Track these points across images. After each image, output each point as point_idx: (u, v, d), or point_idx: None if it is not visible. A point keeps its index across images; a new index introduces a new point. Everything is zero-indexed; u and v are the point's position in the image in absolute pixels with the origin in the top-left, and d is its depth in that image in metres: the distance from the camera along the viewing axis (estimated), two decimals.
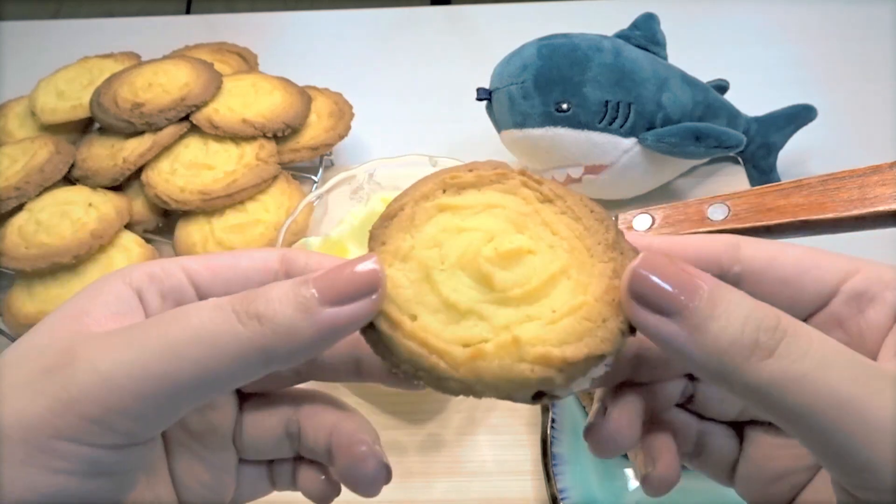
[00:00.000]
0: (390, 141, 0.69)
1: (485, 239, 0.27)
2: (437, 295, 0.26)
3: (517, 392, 0.25)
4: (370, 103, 0.69)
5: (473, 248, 0.26)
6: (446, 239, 0.27)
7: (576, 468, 0.44)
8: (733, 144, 0.57)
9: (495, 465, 0.48)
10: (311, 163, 0.65)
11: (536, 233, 0.27)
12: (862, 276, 0.25)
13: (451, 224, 0.27)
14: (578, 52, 0.56)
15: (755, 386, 0.22)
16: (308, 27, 0.85)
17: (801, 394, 0.21)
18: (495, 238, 0.27)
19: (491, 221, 0.27)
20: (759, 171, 0.62)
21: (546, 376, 0.24)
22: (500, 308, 0.26)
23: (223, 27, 0.81)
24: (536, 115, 0.55)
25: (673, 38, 0.63)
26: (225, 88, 0.63)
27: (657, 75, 0.57)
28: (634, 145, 0.56)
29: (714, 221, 0.39)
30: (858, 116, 0.68)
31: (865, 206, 0.35)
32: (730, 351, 0.22)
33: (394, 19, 0.84)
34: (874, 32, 0.77)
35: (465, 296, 0.26)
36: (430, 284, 0.26)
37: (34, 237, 0.54)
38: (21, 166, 0.58)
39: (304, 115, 0.63)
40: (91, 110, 0.62)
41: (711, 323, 0.22)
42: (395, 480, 0.47)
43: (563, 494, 0.43)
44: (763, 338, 0.22)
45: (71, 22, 0.90)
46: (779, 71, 0.74)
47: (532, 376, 0.24)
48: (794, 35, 0.78)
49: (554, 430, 0.45)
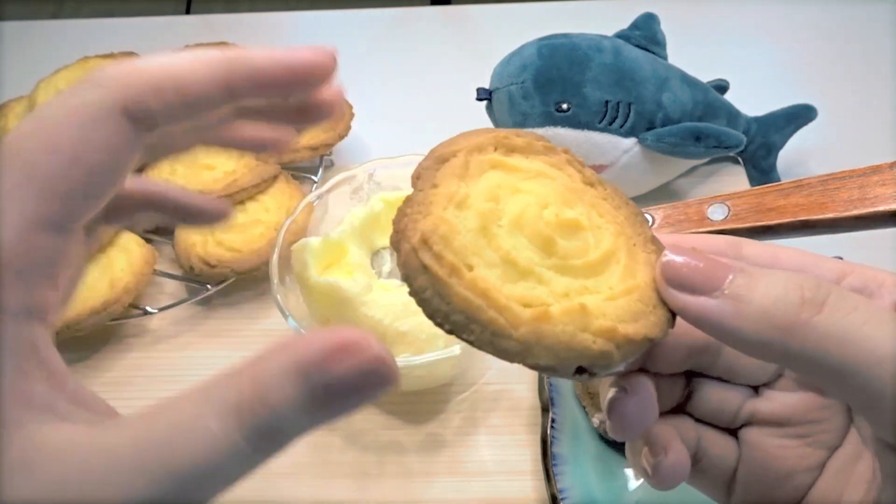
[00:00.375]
0: (390, 141, 0.69)
1: (541, 204, 0.26)
2: (497, 249, 0.24)
3: (569, 362, 0.23)
4: (370, 103, 0.69)
5: (533, 210, 0.25)
6: (503, 196, 0.26)
7: (576, 468, 0.44)
8: (733, 144, 0.57)
9: (495, 465, 0.48)
10: (311, 163, 0.65)
11: (585, 211, 0.27)
12: (857, 276, 0.25)
13: (505, 182, 0.26)
14: (578, 52, 0.56)
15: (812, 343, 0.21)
16: (308, 27, 0.85)
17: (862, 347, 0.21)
18: (551, 206, 0.26)
19: (543, 189, 0.26)
20: (759, 171, 0.62)
21: (606, 350, 0.23)
22: (560, 275, 0.25)
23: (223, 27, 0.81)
24: (536, 115, 0.55)
25: (673, 38, 0.63)
26: None
27: (657, 75, 0.57)
28: (634, 145, 0.56)
29: (714, 221, 0.39)
30: (858, 116, 0.68)
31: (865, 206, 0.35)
32: (777, 312, 0.21)
33: (394, 19, 0.84)
34: (874, 32, 0.77)
35: (524, 256, 0.25)
36: (487, 238, 0.25)
37: None
38: None
39: None
40: None
41: (753, 291, 0.22)
42: (395, 480, 0.47)
43: (563, 494, 0.43)
44: (808, 294, 0.21)
45: (71, 22, 0.90)
46: (779, 71, 0.74)
47: (594, 348, 0.23)
48: (794, 35, 0.78)
49: (554, 430, 0.45)
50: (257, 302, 0.57)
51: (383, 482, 0.47)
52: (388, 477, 0.48)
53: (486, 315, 0.23)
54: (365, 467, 0.48)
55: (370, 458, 0.48)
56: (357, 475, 0.48)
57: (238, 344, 0.54)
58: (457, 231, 0.24)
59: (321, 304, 0.47)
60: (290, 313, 0.46)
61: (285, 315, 0.46)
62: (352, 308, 0.45)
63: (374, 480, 0.48)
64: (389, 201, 0.51)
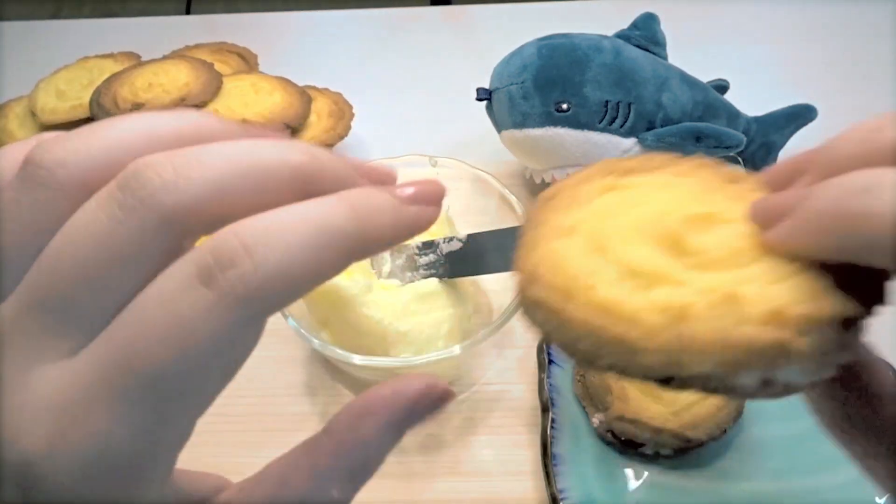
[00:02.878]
0: (390, 141, 0.69)
1: (666, 209, 0.23)
2: (616, 263, 0.22)
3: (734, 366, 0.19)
4: (370, 103, 0.69)
5: (654, 214, 0.23)
6: (620, 212, 0.23)
7: (575, 468, 0.44)
8: (733, 144, 0.57)
9: (495, 465, 0.48)
10: None
11: (725, 205, 0.23)
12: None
13: (622, 200, 0.24)
14: (578, 52, 0.56)
15: None
16: (308, 27, 0.85)
17: None
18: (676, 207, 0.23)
19: (668, 196, 0.24)
20: (759, 171, 0.62)
21: (779, 339, 0.19)
22: (703, 272, 0.21)
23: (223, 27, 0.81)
24: (536, 115, 0.55)
25: (673, 38, 0.63)
26: (225, 88, 0.63)
27: (657, 75, 0.57)
28: (634, 145, 0.56)
29: None
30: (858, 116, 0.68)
31: None
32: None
33: (394, 19, 0.84)
34: (874, 32, 0.77)
35: (650, 261, 0.21)
36: (604, 254, 0.22)
37: None
38: None
39: (304, 116, 0.63)
40: (91, 110, 0.62)
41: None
42: (395, 480, 0.47)
43: (563, 494, 0.43)
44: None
45: (71, 22, 0.90)
46: (779, 71, 0.74)
47: (761, 338, 0.19)
48: (794, 35, 0.78)
49: (554, 430, 0.45)
50: None
51: (383, 482, 0.47)
52: (388, 477, 0.47)
53: (613, 331, 0.20)
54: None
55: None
56: None
57: None
58: (566, 257, 0.22)
59: (321, 304, 0.47)
60: (290, 313, 0.46)
61: (285, 315, 0.46)
62: (352, 308, 0.45)
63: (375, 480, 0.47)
64: None
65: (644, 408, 0.44)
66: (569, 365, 0.49)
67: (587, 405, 0.47)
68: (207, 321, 0.18)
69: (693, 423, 0.43)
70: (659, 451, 0.45)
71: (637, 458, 0.45)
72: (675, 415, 0.44)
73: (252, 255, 0.18)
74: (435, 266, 0.49)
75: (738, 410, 0.45)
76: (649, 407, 0.44)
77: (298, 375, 0.52)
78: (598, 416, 0.46)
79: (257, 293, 0.18)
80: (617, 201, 0.24)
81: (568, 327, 0.21)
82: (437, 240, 0.49)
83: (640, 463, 0.45)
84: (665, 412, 0.44)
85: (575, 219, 0.23)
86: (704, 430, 0.44)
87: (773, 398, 0.20)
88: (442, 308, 0.47)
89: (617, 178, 0.25)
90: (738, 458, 0.46)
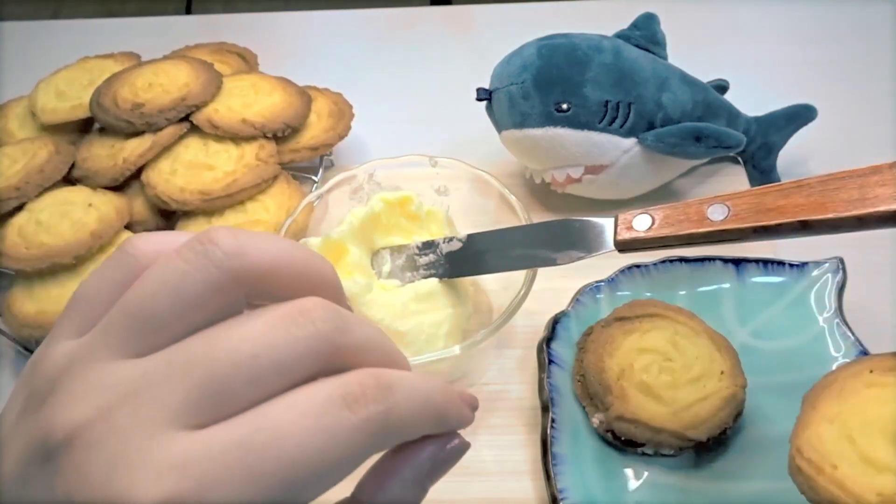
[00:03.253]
0: (390, 141, 0.69)
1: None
2: (857, 451, 0.32)
3: None
4: (370, 103, 0.69)
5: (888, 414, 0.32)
6: (873, 408, 0.33)
7: (576, 468, 0.44)
8: (733, 144, 0.57)
9: (495, 465, 0.48)
10: (311, 163, 0.65)
11: None
12: None
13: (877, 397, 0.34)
14: (578, 52, 0.56)
15: None
16: (308, 27, 0.85)
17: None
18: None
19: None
20: (759, 171, 0.62)
21: None
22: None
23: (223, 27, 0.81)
24: (536, 115, 0.55)
25: (673, 38, 0.63)
26: (225, 88, 0.63)
27: (657, 75, 0.57)
28: (634, 145, 0.56)
29: (714, 221, 0.39)
30: (858, 116, 0.68)
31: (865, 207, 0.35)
32: None
33: (394, 19, 0.84)
34: (874, 32, 0.77)
35: (882, 454, 0.31)
36: (850, 442, 0.32)
37: (34, 237, 0.54)
38: (21, 167, 0.58)
39: (304, 115, 0.63)
40: (91, 110, 0.62)
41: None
42: None
43: (563, 494, 0.43)
44: None
45: (71, 22, 0.90)
46: (779, 71, 0.74)
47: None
48: (794, 35, 0.78)
49: (554, 430, 0.45)
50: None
51: None
52: None
53: (843, 502, 0.31)
54: (365, 467, 0.48)
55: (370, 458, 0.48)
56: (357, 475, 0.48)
57: None
58: (824, 441, 0.33)
59: None
60: None
61: None
62: (352, 308, 0.45)
63: None
64: (389, 201, 0.50)
65: (644, 408, 0.44)
66: (569, 365, 0.49)
67: (587, 405, 0.47)
68: (347, 438, 0.21)
69: (693, 423, 0.43)
70: (659, 451, 0.45)
71: (637, 458, 0.45)
72: (675, 415, 0.44)
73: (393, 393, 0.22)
74: (435, 266, 0.49)
75: (737, 410, 0.45)
76: (649, 407, 0.44)
77: None
78: (598, 416, 0.46)
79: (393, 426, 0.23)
80: (873, 398, 0.34)
81: (816, 491, 0.32)
82: (437, 240, 0.49)
83: (640, 463, 0.45)
84: (665, 412, 0.44)
85: (836, 410, 0.34)
86: (704, 430, 0.43)
87: None
88: (442, 308, 0.47)
89: (880, 374, 0.35)
90: (738, 458, 0.45)
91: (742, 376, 0.45)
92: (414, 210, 0.51)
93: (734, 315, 0.51)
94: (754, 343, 0.50)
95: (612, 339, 0.47)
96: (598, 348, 0.47)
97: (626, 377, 0.45)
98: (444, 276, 0.48)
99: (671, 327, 0.47)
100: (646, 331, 0.47)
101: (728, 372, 0.45)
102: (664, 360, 0.46)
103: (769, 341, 0.50)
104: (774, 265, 0.52)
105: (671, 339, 0.46)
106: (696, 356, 0.46)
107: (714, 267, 0.53)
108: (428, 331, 0.46)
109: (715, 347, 0.46)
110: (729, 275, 0.53)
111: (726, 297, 0.52)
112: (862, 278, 0.53)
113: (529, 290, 0.46)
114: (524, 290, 0.46)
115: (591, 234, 0.43)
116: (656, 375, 0.45)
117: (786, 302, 0.51)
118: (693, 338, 0.47)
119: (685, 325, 0.48)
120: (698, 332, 0.47)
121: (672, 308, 0.49)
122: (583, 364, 0.48)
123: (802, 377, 0.45)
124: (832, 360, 0.48)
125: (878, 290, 0.55)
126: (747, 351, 0.49)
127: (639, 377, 0.45)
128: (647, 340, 0.47)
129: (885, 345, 0.50)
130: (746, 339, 0.50)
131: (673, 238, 0.40)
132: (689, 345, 0.46)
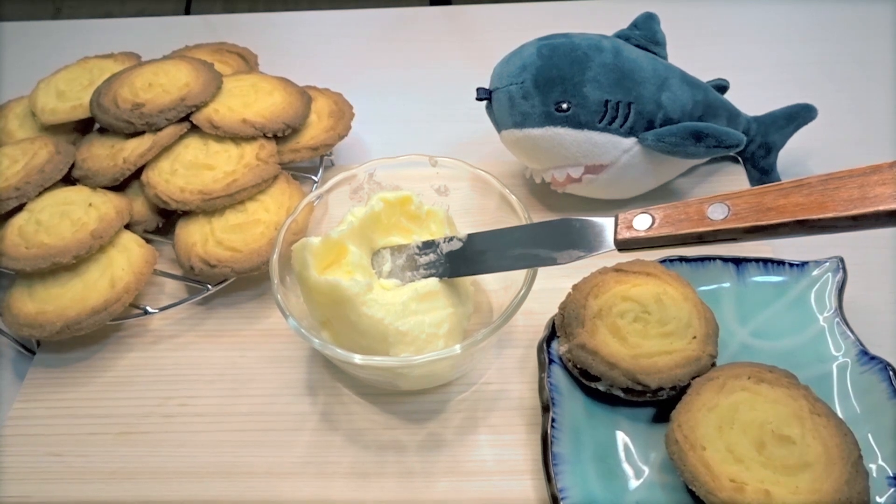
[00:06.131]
0: (390, 141, 0.69)
1: (767, 420, 0.41)
2: (724, 441, 0.41)
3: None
4: (370, 103, 0.69)
5: (760, 420, 0.41)
6: (743, 410, 0.42)
7: (576, 468, 0.44)
8: (733, 144, 0.57)
9: (495, 464, 0.48)
10: (311, 163, 0.65)
11: (804, 430, 0.40)
12: None
13: (748, 401, 0.42)
14: (578, 52, 0.56)
15: None
16: (308, 27, 0.85)
17: None
18: (774, 422, 0.41)
19: (774, 410, 0.42)
20: (759, 170, 0.62)
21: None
22: (763, 468, 0.39)
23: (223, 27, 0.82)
24: (536, 114, 0.55)
25: (673, 38, 0.63)
26: (225, 88, 0.63)
27: (657, 75, 0.57)
28: (634, 145, 0.56)
29: (714, 221, 0.39)
30: (858, 116, 0.68)
31: (866, 206, 0.35)
32: None
33: (394, 19, 0.85)
34: (874, 32, 0.77)
35: (741, 449, 0.40)
36: (720, 432, 0.41)
37: (34, 237, 0.54)
38: (21, 166, 0.58)
39: (304, 115, 0.63)
40: (91, 110, 0.62)
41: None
42: (395, 480, 0.47)
43: (562, 494, 0.43)
44: None
45: (71, 22, 0.90)
46: (779, 71, 0.74)
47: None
48: (794, 35, 0.78)
49: (554, 429, 0.45)
50: (257, 302, 0.57)
51: (383, 482, 0.47)
52: (388, 477, 0.48)
53: (704, 478, 0.40)
54: (365, 467, 0.48)
55: (370, 457, 0.48)
56: (357, 475, 0.48)
57: (238, 344, 0.54)
58: (700, 424, 0.42)
59: (321, 303, 0.47)
60: (291, 313, 0.46)
61: (285, 315, 0.46)
62: (352, 308, 0.45)
63: (374, 480, 0.48)
64: (389, 201, 0.50)
65: (606, 343, 0.46)
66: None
67: (561, 335, 0.49)
68: None
69: (647, 370, 0.45)
70: (611, 391, 0.46)
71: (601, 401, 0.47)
72: (633, 358, 0.45)
73: None
74: (435, 266, 0.49)
75: (696, 373, 0.45)
76: (611, 344, 0.46)
77: (299, 375, 0.52)
78: (566, 343, 0.47)
79: None
80: (745, 400, 0.42)
81: (683, 463, 0.41)
82: (437, 240, 0.49)
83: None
84: (624, 353, 0.46)
85: (718, 402, 0.42)
86: (656, 379, 0.45)
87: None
88: (442, 307, 0.47)
89: (754, 382, 0.43)
90: None
91: (714, 348, 0.46)
92: (414, 210, 0.51)
93: (734, 314, 0.51)
94: (754, 342, 0.50)
95: (602, 283, 0.49)
96: (586, 288, 0.49)
97: (602, 316, 0.47)
98: (444, 276, 0.48)
99: (661, 287, 0.49)
100: (636, 284, 0.49)
101: (700, 339, 0.46)
102: (642, 312, 0.47)
103: (769, 341, 0.50)
104: (774, 265, 0.52)
105: (657, 296, 0.48)
106: (674, 316, 0.47)
107: (714, 266, 0.53)
108: (428, 330, 0.46)
109: (697, 316, 0.47)
110: (729, 274, 0.53)
111: (726, 296, 0.52)
112: (862, 278, 0.54)
113: (529, 290, 0.46)
114: (524, 290, 0.46)
115: (591, 233, 0.43)
116: (629, 322, 0.47)
117: (786, 301, 0.51)
118: (679, 301, 0.48)
119: (676, 290, 0.49)
120: (686, 298, 0.48)
121: (671, 274, 0.50)
122: (568, 299, 0.49)
123: (803, 376, 0.45)
124: (832, 360, 0.48)
125: (878, 290, 0.55)
126: (747, 350, 0.49)
127: (613, 319, 0.47)
128: (633, 291, 0.48)
129: (885, 344, 0.50)
130: (746, 338, 0.50)
131: (673, 237, 0.40)
132: (672, 305, 0.48)
